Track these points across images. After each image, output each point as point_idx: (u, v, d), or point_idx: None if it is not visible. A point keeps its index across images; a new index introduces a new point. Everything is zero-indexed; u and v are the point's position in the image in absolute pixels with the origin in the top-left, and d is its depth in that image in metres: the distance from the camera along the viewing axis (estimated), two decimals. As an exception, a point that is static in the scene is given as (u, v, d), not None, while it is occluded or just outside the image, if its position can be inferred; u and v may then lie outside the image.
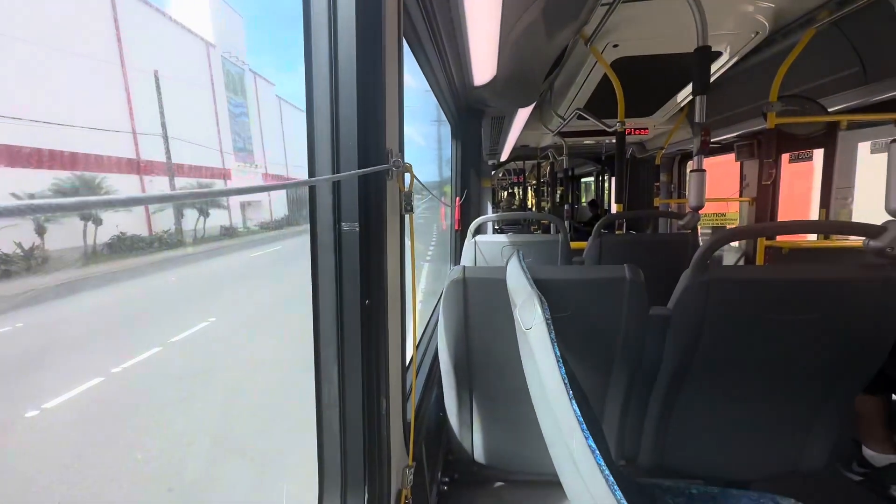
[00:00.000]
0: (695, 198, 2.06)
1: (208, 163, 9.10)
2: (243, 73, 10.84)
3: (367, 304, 0.71)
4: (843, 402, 1.13)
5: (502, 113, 2.98)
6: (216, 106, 9.60)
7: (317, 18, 0.64)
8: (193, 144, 8.33)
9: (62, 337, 4.58)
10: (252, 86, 11.61)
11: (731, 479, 1.28)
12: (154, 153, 6.56)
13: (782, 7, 2.10)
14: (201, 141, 8.92)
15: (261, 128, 11.90)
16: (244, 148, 10.65)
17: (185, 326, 4.90)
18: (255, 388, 3.79)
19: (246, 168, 11.01)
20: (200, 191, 0.32)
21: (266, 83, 12.83)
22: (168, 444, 2.93)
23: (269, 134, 12.80)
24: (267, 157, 11.92)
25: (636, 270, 1.04)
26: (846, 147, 2.82)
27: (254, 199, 11.05)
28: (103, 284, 5.60)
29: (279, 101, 13.67)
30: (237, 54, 10.45)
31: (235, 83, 10.51)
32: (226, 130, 9.83)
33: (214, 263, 7.88)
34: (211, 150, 9.32)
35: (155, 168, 6.73)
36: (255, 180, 11.27)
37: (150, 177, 6.78)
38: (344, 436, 0.73)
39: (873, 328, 1.00)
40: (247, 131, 10.85)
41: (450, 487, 1.36)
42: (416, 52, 1.58)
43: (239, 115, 10.57)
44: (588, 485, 0.47)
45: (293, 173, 12.51)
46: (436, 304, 2.35)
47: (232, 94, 10.28)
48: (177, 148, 7.40)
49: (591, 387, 1.16)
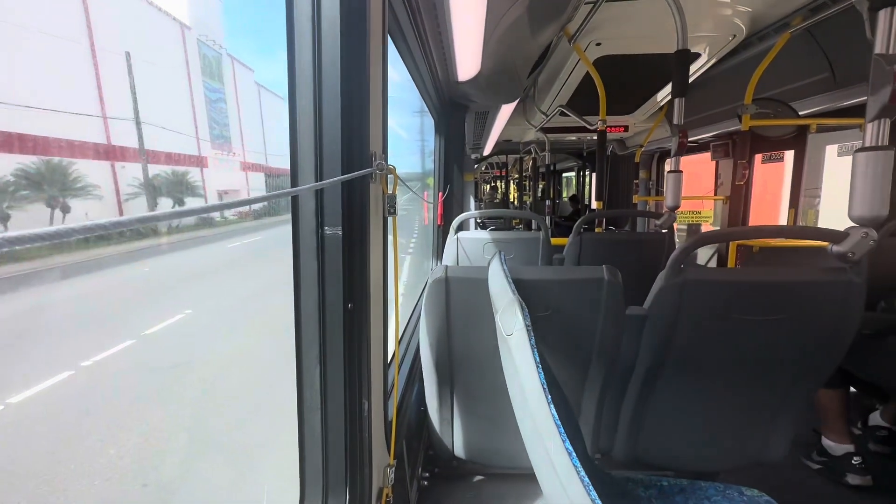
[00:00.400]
0: (672, 198, 2.12)
1: (185, 150, 8.74)
2: (220, 58, 10.43)
3: (350, 307, 0.71)
4: (806, 396, 1.19)
5: (486, 108, 2.98)
6: (192, 91, 9.20)
7: (300, 18, 0.62)
8: (168, 131, 8.00)
9: (27, 330, 4.41)
10: (230, 71, 11.20)
11: (700, 470, 1.34)
12: (126, 139, 6.26)
13: (759, 11, 2.15)
14: (176, 127, 8.56)
15: (239, 115, 11.51)
16: (221, 135, 10.30)
17: (160, 319, 4.77)
18: (232, 383, 3.73)
19: (223, 156, 10.65)
20: (182, 210, 0.31)
21: (245, 69, 12.41)
22: (142, 440, 2.86)
23: (248, 121, 12.42)
24: (245, 145, 11.57)
25: (614, 271, 1.07)
26: (815, 149, 2.92)
27: (231, 187, 10.70)
28: (72, 275, 5.36)
29: (258, 88, 13.27)
30: (214, 37, 10.03)
31: (212, 68, 10.11)
32: (202, 117, 9.46)
33: (190, 254, 7.62)
34: (187, 137, 8.95)
35: (127, 155, 6.44)
36: (233, 169, 10.93)
37: (122, 163, 6.48)
38: (326, 438, 0.73)
39: (835, 327, 1.05)
40: (224, 118, 10.48)
41: (430, 482, 1.38)
42: (399, 48, 1.56)
43: (216, 100, 10.19)
44: (565, 486, 0.49)
45: (272, 162, 12.20)
46: (418, 299, 2.35)
47: (208, 79, 9.88)
48: (151, 134, 7.07)
49: (569, 383, 1.19)
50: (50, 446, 2.69)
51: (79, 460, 2.53)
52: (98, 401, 3.29)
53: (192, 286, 6.41)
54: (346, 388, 0.73)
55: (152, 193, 7.65)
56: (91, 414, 3.09)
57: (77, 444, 2.70)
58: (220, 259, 7.71)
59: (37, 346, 4.14)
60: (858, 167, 1.01)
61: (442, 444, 1.30)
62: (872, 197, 0.99)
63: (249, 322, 5.14)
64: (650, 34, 2.29)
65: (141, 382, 3.59)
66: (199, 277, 6.66)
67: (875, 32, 0.98)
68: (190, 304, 5.55)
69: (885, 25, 0.96)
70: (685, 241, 1.06)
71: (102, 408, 3.18)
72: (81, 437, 2.77)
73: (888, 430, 1.79)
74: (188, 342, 4.50)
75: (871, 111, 0.98)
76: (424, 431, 1.44)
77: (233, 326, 4.96)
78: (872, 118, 0.98)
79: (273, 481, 2.49)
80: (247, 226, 9.79)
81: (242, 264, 7.71)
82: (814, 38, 2.29)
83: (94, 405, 3.22)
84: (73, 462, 2.50)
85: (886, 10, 0.95)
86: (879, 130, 0.99)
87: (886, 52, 0.96)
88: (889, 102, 0.94)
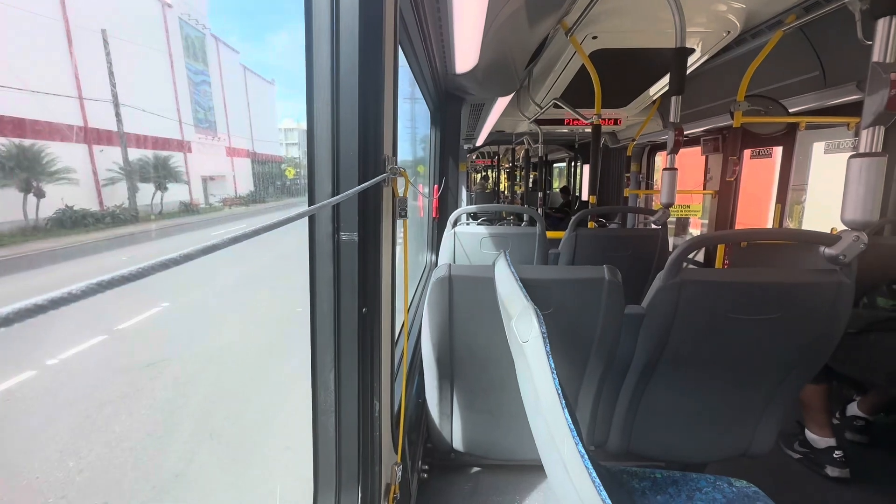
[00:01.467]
0: (666, 195, 2.15)
1: (167, 133, 8.40)
2: (204, 38, 10.07)
3: (364, 312, 0.71)
4: (793, 392, 1.24)
5: (482, 100, 2.96)
6: (174, 73, 8.86)
7: (319, 31, 0.61)
8: (148, 113, 7.69)
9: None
10: (214, 52, 10.82)
11: (690, 461, 1.39)
12: (105, 121, 5.99)
13: (753, 9, 2.17)
14: (157, 110, 8.24)
15: (224, 98, 11.19)
16: (206, 119, 10.00)
17: (136, 312, 4.47)
18: (210, 383, 3.50)
19: (208, 140, 10.35)
20: (199, 247, 0.31)
21: (230, 50, 12.03)
22: (108, 448, 2.63)
23: (233, 105, 12.06)
24: (231, 129, 11.26)
25: (615, 271, 1.09)
26: (803, 146, 2.99)
27: (217, 173, 10.40)
28: (44, 263, 5.02)
29: (244, 71, 12.90)
30: (197, 17, 9.65)
31: (195, 48, 9.75)
32: (185, 99, 9.13)
33: (172, 242, 7.35)
34: (169, 121, 8.62)
35: (105, 137, 6.16)
36: (218, 154, 10.64)
37: (100, 146, 6.20)
38: (339, 440, 0.74)
39: (825, 327, 1.10)
40: (208, 101, 10.15)
41: (429, 475, 1.41)
42: (402, 45, 1.55)
43: (199, 83, 9.86)
44: (578, 489, 0.51)
45: (258, 148, 11.89)
46: (413, 292, 2.36)
47: (191, 61, 9.53)
48: (131, 117, 6.78)
49: (567, 378, 1.22)
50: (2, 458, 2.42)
51: (31, 475, 2.27)
52: (63, 404, 2.99)
53: (171, 277, 6.15)
54: (360, 391, 0.74)
55: (132, 178, 7.34)
56: (54, 420, 2.82)
57: (35, 455, 2.44)
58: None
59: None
60: (852, 172, 1.04)
61: (441, 437, 1.32)
62: (865, 202, 1.02)
63: (231, 316, 4.89)
64: (647, 29, 2.30)
65: (112, 383, 3.33)
66: (180, 268, 6.36)
67: (874, 40, 1.00)
68: (168, 296, 5.30)
69: (883, 34, 0.98)
70: (682, 243, 1.08)
71: (67, 412, 2.90)
72: (42, 446, 2.48)
73: (865, 420, 1.88)
74: (163, 338, 4.26)
75: (866, 118, 1.01)
76: (423, 425, 1.46)
77: (213, 321, 4.73)
78: (868, 125, 1.01)
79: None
80: (231, 213, 9.45)
81: (224, 253, 7.40)
82: (806, 37, 2.32)
83: (59, 409, 2.95)
84: (25, 473, 2.24)
85: (886, 19, 0.97)
86: (874, 137, 1.01)
87: (884, 61, 0.98)
88: (885, 109, 0.97)
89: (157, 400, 3.22)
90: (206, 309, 5.18)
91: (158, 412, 3.09)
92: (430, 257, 3.02)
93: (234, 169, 11.42)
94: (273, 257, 6.94)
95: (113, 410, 3.01)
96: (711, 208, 3.44)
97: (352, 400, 0.74)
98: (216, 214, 9.24)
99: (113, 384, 3.31)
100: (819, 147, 3.01)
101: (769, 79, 2.67)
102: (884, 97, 0.96)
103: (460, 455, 1.36)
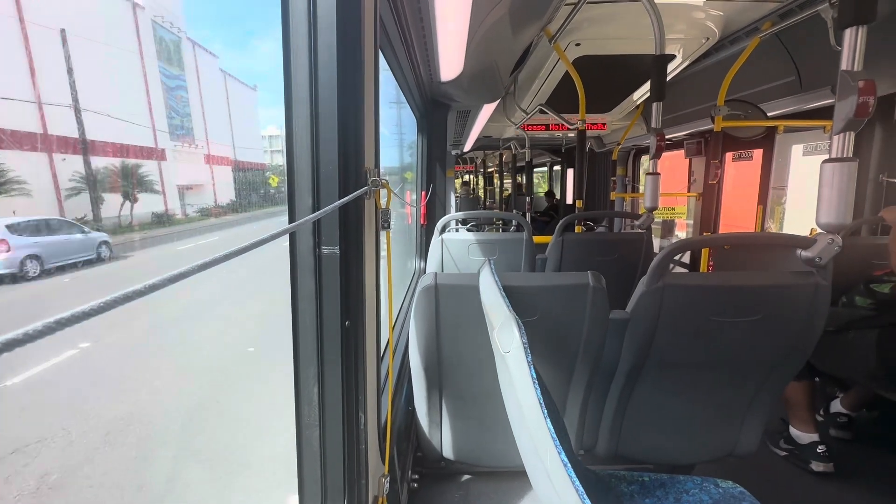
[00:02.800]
0: (650, 199, 2.18)
1: (138, 141, 7.89)
2: (179, 42, 9.74)
3: (347, 325, 0.71)
4: (776, 392, 1.26)
5: (468, 107, 2.98)
6: (146, 77, 8.48)
7: (296, 40, 0.61)
8: (117, 120, 7.28)
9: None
10: (191, 56, 10.47)
11: (678, 463, 1.40)
12: (66, 129, 5.52)
13: (730, 16, 2.22)
14: (127, 116, 7.76)
15: (202, 104, 10.79)
16: (182, 125, 9.65)
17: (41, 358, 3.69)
18: (171, 401, 3.17)
19: (184, 148, 9.99)
20: (188, 268, 0.31)
21: (208, 55, 11.75)
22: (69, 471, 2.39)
23: (213, 111, 11.73)
24: (210, 136, 10.87)
25: (599, 277, 1.10)
26: (782, 149, 3.06)
27: (196, 182, 10.05)
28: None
29: (224, 76, 12.62)
30: (172, 20, 9.32)
31: (170, 52, 9.41)
32: (159, 105, 8.74)
33: (126, 263, 5.92)
34: (140, 127, 8.19)
35: (67, 146, 5.73)
36: (196, 162, 10.30)
37: (62, 155, 5.73)
38: (324, 454, 0.74)
39: (804, 327, 1.12)
40: (185, 107, 9.77)
41: (419, 483, 1.40)
42: (385, 52, 1.55)
43: (175, 88, 9.54)
44: (562, 498, 0.51)
45: (240, 156, 11.57)
46: (402, 300, 2.36)
47: (166, 65, 9.19)
48: (97, 124, 6.37)
49: (555, 383, 1.23)
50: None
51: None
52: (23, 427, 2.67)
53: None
54: (344, 404, 0.73)
55: (95, 188, 6.71)
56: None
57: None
58: (154, 266, 6.25)
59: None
60: (825, 177, 1.07)
61: (430, 445, 1.32)
62: (838, 205, 1.05)
63: (155, 368, 3.94)
64: (629, 36, 2.34)
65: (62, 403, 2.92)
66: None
67: (842, 49, 1.03)
68: (91, 335, 4.19)
69: (850, 43, 1.01)
70: (663, 250, 1.10)
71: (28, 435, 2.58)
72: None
73: (848, 417, 1.92)
74: (55, 411, 3.11)
75: (837, 124, 1.04)
76: (413, 434, 1.46)
77: (133, 377, 3.76)
78: (839, 131, 1.04)
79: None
80: (205, 224, 8.76)
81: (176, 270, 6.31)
82: (782, 43, 2.38)
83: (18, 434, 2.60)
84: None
85: (852, 29, 1.00)
86: (845, 142, 1.04)
87: (852, 69, 1.01)
88: (854, 116, 1.00)
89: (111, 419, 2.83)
90: (131, 353, 4.26)
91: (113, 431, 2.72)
92: (419, 264, 3.02)
93: (214, 177, 11.05)
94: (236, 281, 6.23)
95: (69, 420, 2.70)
96: (696, 210, 3.50)
97: (336, 413, 0.73)
98: (194, 225, 8.74)
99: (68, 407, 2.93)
100: (798, 150, 3.08)
101: (748, 84, 2.73)
102: (853, 104, 0.99)
103: (451, 463, 1.35)
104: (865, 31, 0.99)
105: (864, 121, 1.01)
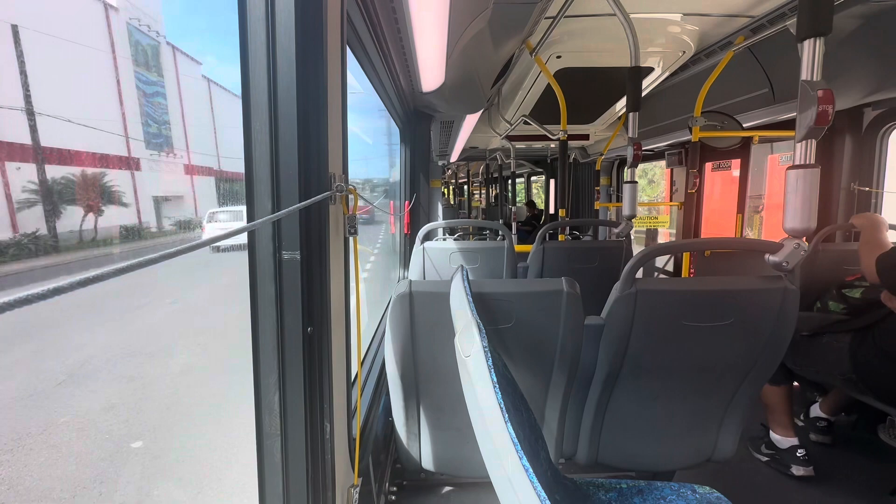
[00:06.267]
0: (628, 207, 2.21)
1: (108, 149, 7.62)
2: (158, 46, 9.59)
3: (310, 331, 0.70)
4: (751, 395, 1.27)
5: (451, 118, 3.01)
6: (119, 82, 8.25)
7: (254, 39, 0.61)
8: (81, 126, 7.00)
9: None
10: (171, 62, 10.28)
11: (658, 469, 1.40)
12: (20, 134, 5.27)
13: (705, 31, 2.29)
14: (95, 123, 7.50)
15: (182, 111, 10.59)
16: (160, 134, 9.42)
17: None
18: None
19: (162, 157, 9.72)
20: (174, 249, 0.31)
21: (190, 61, 11.62)
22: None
23: (194, 119, 11.53)
24: (190, 145, 10.62)
25: (573, 283, 1.11)
26: (758, 159, 3.13)
27: (175, 193, 9.79)
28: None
29: (208, 83, 12.49)
30: (149, 23, 9.17)
31: (147, 57, 9.23)
32: (133, 112, 8.55)
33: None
34: (111, 135, 7.98)
35: (20, 153, 5.48)
36: (176, 171, 10.07)
37: (14, 163, 5.44)
38: (286, 465, 0.72)
39: (774, 329, 1.14)
40: (163, 114, 9.54)
41: (397, 496, 1.37)
42: (360, 61, 1.56)
43: (152, 95, 9.32)
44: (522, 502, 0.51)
45: (225, 165, 11.41)
46: (384, 312, 2.34)
47: (142, 70, 9.00)
48: (58, 130, 6.14)
49: (532, 392, 1.22)
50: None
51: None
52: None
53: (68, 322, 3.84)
54: (308, 413, 0.72)
55: (53, 199, 6.31)
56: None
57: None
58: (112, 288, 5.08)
59: None
60: (790, 183, 1.09)
61: (409, 456, 1.30)
62: (803, 211, 1.07)
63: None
64: (608, 49, 2.39)
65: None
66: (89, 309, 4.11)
67: (801, 60, 1.06)
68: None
69: (809, 54, 1.04)
70: (633, 257, 1.11)
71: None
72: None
73: (827, 421, 1.93)
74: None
75: (799, 132, 1.07)
76: (392, 445, 1.43)
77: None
78: (801, 139, 1.07)
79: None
80: (179, 238, 8.57)
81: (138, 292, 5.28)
82: (755, 57, 2.46)
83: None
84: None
85: (811, 41, 1.03)
86: (807, 150, 1.07)
87: (811, 79, 1.04)
88: (814, 125, 1.02)
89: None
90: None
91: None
92: (402, 273, 3.01)
93: (195, 188, 10.76)
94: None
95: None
96: (678, 219, 3.55)
97: (299, 422, 0.72)
98: (169, 239, 8.53)
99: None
100: (774, 159, 3.16)
101: (724, 96, 2.80)
102: (813, 113, 1.02)
103: (430, 474, 1.33)
104: (823, 43, 1.03)
105: (825, 129, 1.04)
